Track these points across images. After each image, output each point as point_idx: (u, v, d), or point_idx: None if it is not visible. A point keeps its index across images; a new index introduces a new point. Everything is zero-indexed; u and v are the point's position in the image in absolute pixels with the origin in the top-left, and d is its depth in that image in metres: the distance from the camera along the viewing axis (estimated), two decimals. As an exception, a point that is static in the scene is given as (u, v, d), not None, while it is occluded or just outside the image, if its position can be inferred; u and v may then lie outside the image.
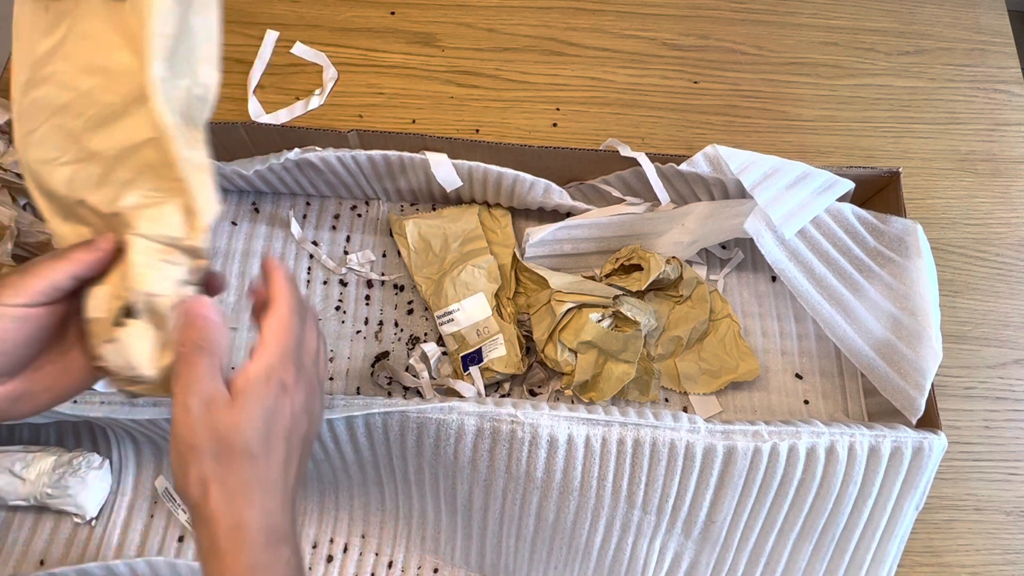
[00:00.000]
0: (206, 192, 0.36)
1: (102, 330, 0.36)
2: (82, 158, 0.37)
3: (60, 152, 0.37)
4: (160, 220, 0.36)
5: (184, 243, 0.36)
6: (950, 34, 0.82)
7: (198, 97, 0.36)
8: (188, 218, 0.36)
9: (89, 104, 0.36)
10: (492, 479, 0.52)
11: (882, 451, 0.52)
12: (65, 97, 0.36)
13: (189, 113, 0.36)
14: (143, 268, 0.36)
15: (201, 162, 0.36)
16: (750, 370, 0.63)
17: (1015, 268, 0.71)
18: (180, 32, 0.35)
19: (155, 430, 0.55)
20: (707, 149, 0.61)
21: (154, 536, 0.60)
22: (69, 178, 0.37)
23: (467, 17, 0.81)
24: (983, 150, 0.77)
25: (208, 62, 0.37)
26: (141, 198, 0.36)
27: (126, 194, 0.36)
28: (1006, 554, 0.61)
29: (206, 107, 0.37)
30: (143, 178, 0.36)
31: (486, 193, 0.66)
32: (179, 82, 0.35)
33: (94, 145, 0.37)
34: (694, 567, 0.55)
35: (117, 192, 0.36)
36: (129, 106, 0.36)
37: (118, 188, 0.36)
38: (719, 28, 0.82)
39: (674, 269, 0.63)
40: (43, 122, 0.37)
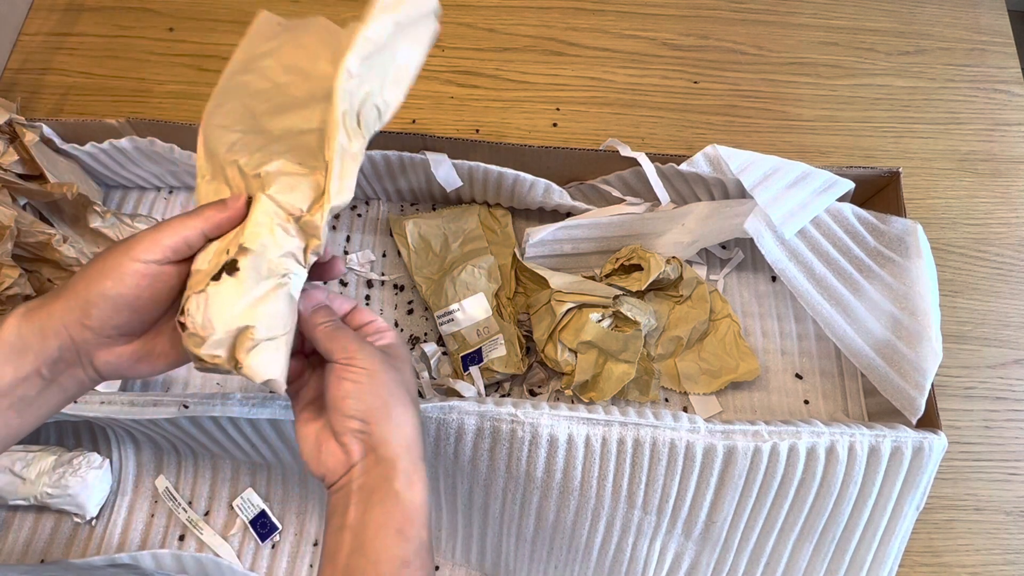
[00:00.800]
0: (346, 178, 0.37)
1: (197, 282, 0.36)
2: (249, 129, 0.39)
3: (236, 123, 0.40)
4: (292, 189, 0.37)
5: (304, 218, 0.37)
6: (950, 34, 0.82)
7: (376, 107, 0.38)
8: (318, 196, 0.37)
9: (280, 95, 0.40)
10: (492, 478, 0.52)
11: (882, 451, 0.52)
12: (264, 85, 0.40)
13: (362, 115, 0.38)
14: (259, 227, 0.36)
15: (354, 152, 0.37)
16: (750, 370, 0.63)
17: (1015, 268, 0.71)
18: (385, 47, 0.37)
19: (155, 430, 0.55)
20: (707, 149, 0.61)
21: (155, 535, 0.60)
22: (233, 141, 0.39)
23: (467, 17, 0.81)
24: (983, 150, 0.77)
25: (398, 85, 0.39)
26: (284, 166, 0.37)
27: (273, 160, 0.37)
28: (1006, 554, 0.61)
29: (379, 121, 0.39)
30: (295, 153, 0.38)
31: (486, 193, 0.66)
32: (364, 86, 0.37)
33: (266, 124, 0.39)
34: (694, 567, 0.55)
35: (267, 159, 0.38)
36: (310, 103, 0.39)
37: (269, 156, 0.38)
38: (719, 28, 0.82)
39: (674, 269, 0.63)
40: (234, 99, 0.40)
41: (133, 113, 0.70)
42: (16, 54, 0.78)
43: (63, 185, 0.59)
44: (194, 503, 0.61)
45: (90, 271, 0.35)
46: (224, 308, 0.35)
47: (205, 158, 0.40)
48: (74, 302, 0.34)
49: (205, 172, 0.40)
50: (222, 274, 0.35)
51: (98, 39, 0.79)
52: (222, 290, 0.35)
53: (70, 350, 0.35)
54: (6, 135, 0.61)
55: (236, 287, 0.35)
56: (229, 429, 0.53)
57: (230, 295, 0.35)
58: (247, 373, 0.35)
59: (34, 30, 0.79)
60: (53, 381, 0.35)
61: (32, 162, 0.61)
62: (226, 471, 0.61)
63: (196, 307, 0.35)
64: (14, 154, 0.61)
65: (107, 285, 0.34)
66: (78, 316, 0.34)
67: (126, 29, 0.80)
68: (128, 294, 0.34)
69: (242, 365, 0.35)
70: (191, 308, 0.35)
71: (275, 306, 0.36)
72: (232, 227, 0.37)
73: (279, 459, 0.57)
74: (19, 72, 0.77)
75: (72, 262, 0.59)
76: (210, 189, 0.39)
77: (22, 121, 0.62)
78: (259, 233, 0.36)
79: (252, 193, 0.38)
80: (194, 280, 0.36)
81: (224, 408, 0.51)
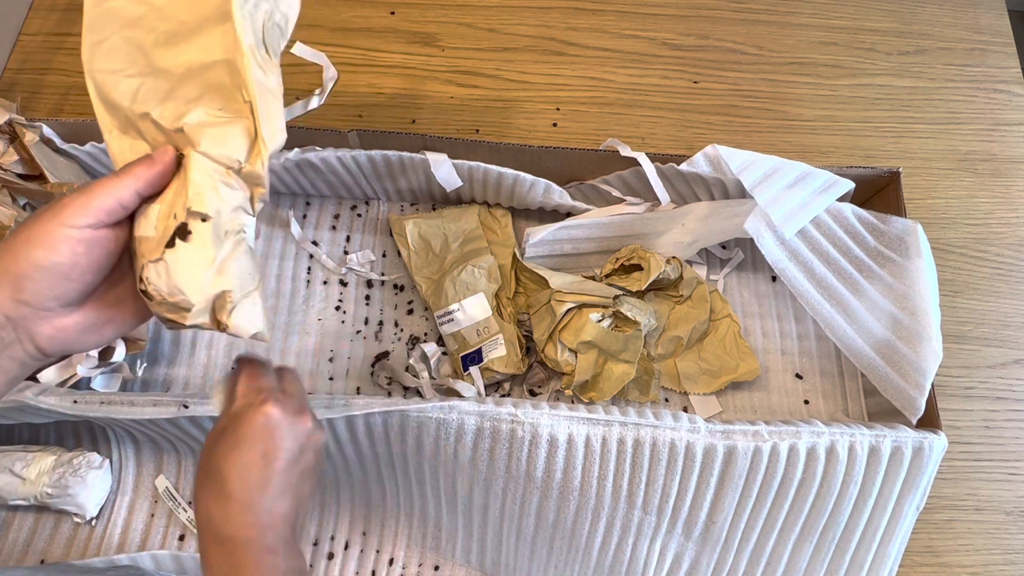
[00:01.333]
0: (274, 119, 0.35)
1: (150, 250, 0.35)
2: (149, 72, 0.36)
3: (127, 65, 0.36)
4: (224, 141, 0.35)
5: (245, 168, 0.35)
6: (950, 34, 0.82)
7: (277, 24, 0.36)
8: (252, 143, 0.35)
9: (162, 20, 0.36)
10: (492, 478, 0.52)
11: (882, 451, 0.52)
12: (139, 11, 0.36)
13: (266, 40, 0.36)
14: (202, 188, 0.34)
15: (272, 87, 0.35)
16: (750, 370, 0.63)
17: (1015, 268, 0.71)
18: None
19: (155, 430, 0.55)
20: (707, 149, 0.61)
21: (155, 535, 0.60)
22: (134, 90, 0.36)
23: (467, 17, 0.81)
24: (983, 150, 0.77)
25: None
26: (206, 116, 0.35)
27: (191, 110, 0.35)
28: (1006, 554, 0.61)
29: (283, 38, 0.36)
30: (210, 96, 0.35)
31: (486, 193, 0.66)
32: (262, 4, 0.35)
33: (162, 62, 0.36)
34: (694, 568, 0.55)
35: (182, 108, 0.35)
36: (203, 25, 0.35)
37: (184, 104, 0.35)
38: (719, 28, 0.82)
39: (674, 269, 0.63)
40: (113, 33, 0.36)
41: (133, 113, 0.70)
42: (16, 54, 0.78)
43: (63, 185, 0.59)
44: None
45: (15, 242, 0.32)
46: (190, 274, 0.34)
47: (105, 110, 0.37)
48: (3, 278, 0.32)
49: (111, 126, 0.37)
50: (175, 239, 0.34)
51: (98, 39, 0.79)
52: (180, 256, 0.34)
53: (4, 328, 0.33)
54: (6, 135, 0.61)
55: (197, 251, 0.34)
56: (229, 429, 0.53)
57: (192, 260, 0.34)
58: (233, 332, 0.35)
59: (34, 30, 0.79)
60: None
61: (32, 162, 0.61)
62: (226, 471, 0.61)
63: (157, 275, 0.34)
64: (14, 154, 0.61)
65: (39, 255, 0.32)
66: (9, 292, 0.32)
67: (126, 29, 0.80)
68: (64, 262, 0.32)
69: (227, 326, 0.35)
70: (151, 276, 0.34)
71: (241, 263, 0.36)
72: (165, 182, 0.35)
73: (279, 459, 0.57)
74: (19, 72, 0.77)
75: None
76: (124, 144, 0.37)
77: (22, 121, 0.62)
78: (204, 194, 0.34)
79: (178, 147, 0.36)
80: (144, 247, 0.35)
81: (224, 408, 0.51)
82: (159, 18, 0.36)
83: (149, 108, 0.35)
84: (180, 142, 0.35)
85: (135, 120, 0.36)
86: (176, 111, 0.35)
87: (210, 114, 0.35)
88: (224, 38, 0.35)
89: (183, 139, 0.35)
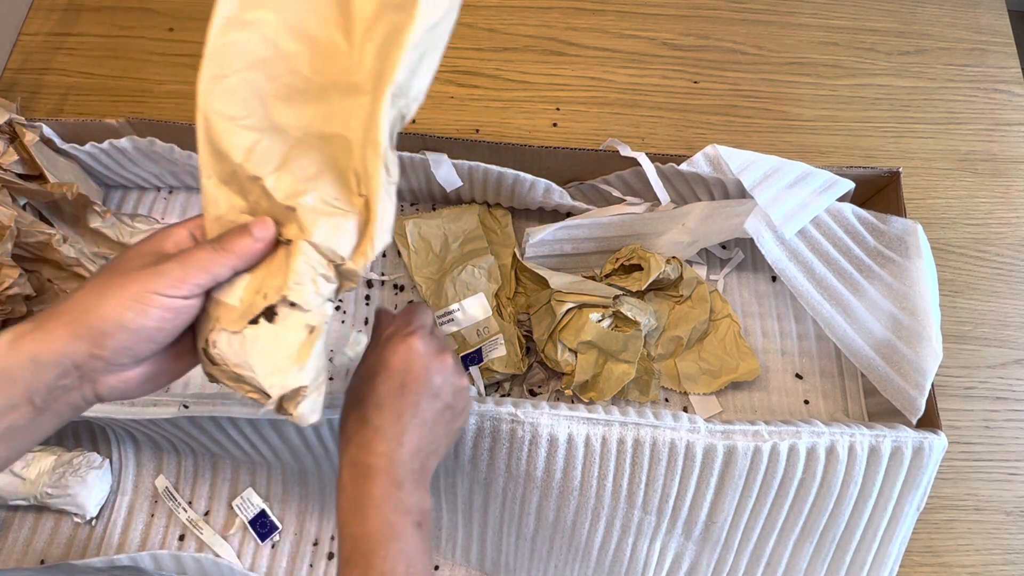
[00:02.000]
0: (386, 220, 0.34)
1: (228, 318, 0.34)
2: (265, 128, 0.35)
3: (245, 112, 0.34)
4: (334, 235, 0.34)
5: (346, 265, 0.35)
6: (950, 34, 0.82)
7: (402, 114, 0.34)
8: (360, 242, 0.34)
9: (287, 70, 0.34)
10: (492, 478, 0.52)
11: (882, 451, 0.52)
12: (265, 52, 0.34)
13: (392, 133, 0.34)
14: (302, 279, 0.34)
15: (391, 189, 0.34)
16: (750, 370, 0.63)
17: (1015, 268, 0.71)
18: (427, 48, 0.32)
19: (155, 430, 0.55)
20: (707, 149, 0.61)
21: (155, 535, 0.60)
22: (249, 147, 0.34)
23: (467, 17, 0.81)
24: (983, 150, 0.77)
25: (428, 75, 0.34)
26: (322, 204, 0.34)
27: (308, 191, 0.34)
28: (1006, 554, 0.61)
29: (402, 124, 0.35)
30: (326, 180, 0.34)
31: (486, 193, 0.66)
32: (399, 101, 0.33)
33: (280, 118, 0.35)
34: (694, 568, 0.55)
35: (299, 187, 0.34)
36: (328, 91, 0.34)
37: (301, 182, 0.34)
38: (719, 28, 0.82)
39: (674, 269, 0.63)
40: (235, 72, 0.34)
41: (133, 113, 0.70)
42: (16, 54, 0.78)
43: (63, 185, 0.59)
44: (194, 503, 0.61)
45: (102, 294, 0.32)
46: (266, 357, 0.34)
47: (210, 155, 0.35)
48: (82, 330, 0.32)
49: (212, 172, 0.36)
50: (260, 319, 0.34)
51: (98, 39, 0.79)
52: (261, 335, 0.34)
53: (71, 377, 0.33)
54: (6, 135, 0.61)
55: (279, 337, 0.34)
56: (229, 429, 0.53)
57: (272, 344, 0.34)
58: (295, 421, 0.35)
59: (34, 30, 0.79)
60: (47, 409, 0.33)
61: (32, 162, 0.61)
62: (226, 471, 0.61)
63: (228, 345, 0.34)
64: (14, 154, 0.61)
65: (128, 317, 0.32)
66: (87, 346, 0.32)
67: (126, 29, 0.80)
68: (152, 327, 0.33)
69: (293, 416, 0.35)
70: (221, 344, 0.34)
71: (317, 358, 0.35)
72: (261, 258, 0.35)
73: (279, 459, 0.57)
74: (19, 72, 0.77)
75: (72, 262, 0.59)
76: (220, 195, 0.36)
77: (22, 121, 0.62)
78: (303, 285, 0.34)
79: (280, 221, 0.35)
80: (222, 312, 0.35)
81: (224, 408, 0.51)
82: (285, 67, 0.34)
83: (262, 174, 0.34)
84: (285, 218, 0.35)
85: (243, 180, 0.35)
86: (291, 187, 0.34)
87: (326, 203, 0.34)
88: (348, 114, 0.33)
89: (291, 217, 0.34)
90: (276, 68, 0.34)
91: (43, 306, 0.59)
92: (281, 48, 0.34)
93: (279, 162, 0.35)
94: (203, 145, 0.35)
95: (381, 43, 0.33)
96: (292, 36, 0.34)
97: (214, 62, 0.34)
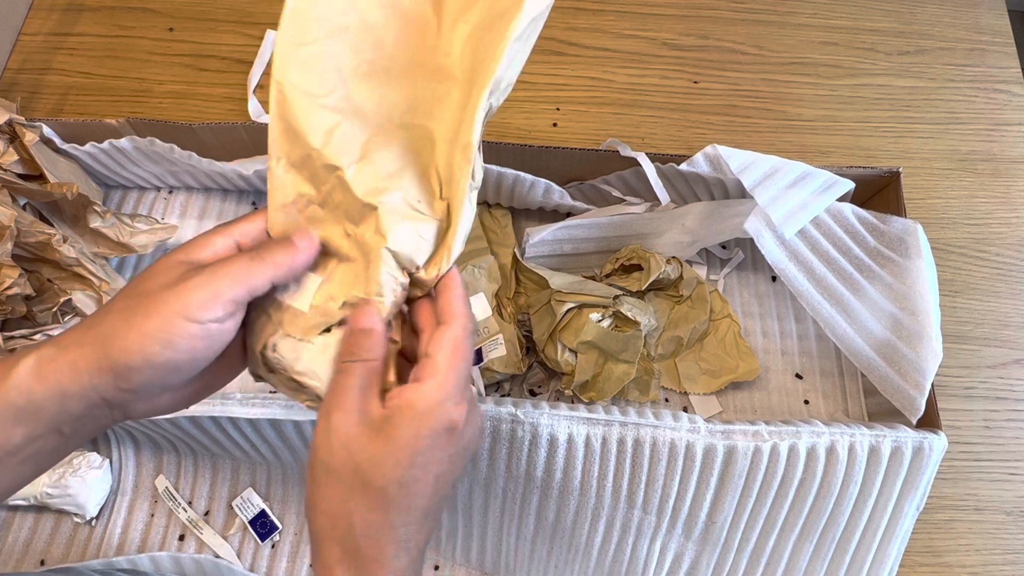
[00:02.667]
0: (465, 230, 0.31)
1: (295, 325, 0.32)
2: (345, 109, 0.31)
3: (323, 89, 0.31)
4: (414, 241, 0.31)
5: (418, 275, 0.32)
6: (950, 34, 0.82)
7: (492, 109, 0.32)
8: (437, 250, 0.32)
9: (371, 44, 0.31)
10: (492, 478, 0.52)
11: (882, 451, 0.52)
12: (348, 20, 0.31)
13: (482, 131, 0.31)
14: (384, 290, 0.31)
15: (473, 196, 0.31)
16: (750, 370, 0.63)
17: (1015, 268, 0.71)
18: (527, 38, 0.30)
19: (155, 430, 0.55)
20: (707, 149, 0.61)
21: (155, 535, 0.60)
22: (328, 130, 0.31)
23: (467, 17, 0.80)
24: (983, 150, 0.77)
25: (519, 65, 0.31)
26: (405, 206, 0.31)
27: (391, 189, 0.31)
28: (1006, 554, 0.61)
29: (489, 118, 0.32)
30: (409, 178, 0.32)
31: (486, 193, 0.66)
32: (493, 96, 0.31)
33: (359, 97, 0.31)
34: (694, 568, 0.55)
35: (381, 183, 0.31)
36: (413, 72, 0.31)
37: (383, 178, 0.31)
38: (719, 28, 0.82)
39: (674, 269, 0.63)
40: (316, 39, 0.31)
41: (133, 113, 0.70)
42: (16, 54, 0.78)
43: (63, 185, 0.59)
44: (194, 503, 0.61)
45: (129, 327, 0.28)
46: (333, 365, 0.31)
47: (282, 133, 0.31)
48: (105, 363, 0.28)
49: (282, 154, 0.32)
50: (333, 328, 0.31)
51: (98, 39, 0.79)
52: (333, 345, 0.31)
53: (99, 408, 0.30)
54: (6, 135, 0.61)
55: None
56: (229, 429, 0.53)
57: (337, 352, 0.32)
58: None
59: (34, 30, 0.79)
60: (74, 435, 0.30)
61: (32, 162, 0.61)
62: (226, 471, 0.61)
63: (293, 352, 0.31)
64: (14, 154, 0.61)
65: (154, 351, 0.28)
66: (113, 380, 0.29)
67: (126, 29, 0.80)
68: (182, 359, 0.29)
69: None
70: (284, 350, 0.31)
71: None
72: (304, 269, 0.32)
73: (279, 459, 0.57)
74: (19, 72, 0.77)
75: (72, 262, 0.59)
76: (287, 180, 0.32)
77: (22, 121, 0.62)
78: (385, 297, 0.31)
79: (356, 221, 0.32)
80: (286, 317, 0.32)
81: (224, 408, 0.51)
82: (368, 40, 0.31)
83: (342, 164, 0.31)
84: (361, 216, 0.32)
85: (317, 166, 0.32)
86: (373, 183, 0.31)
87: (410, 205, 0.31)
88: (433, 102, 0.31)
89: (368, 216, 0.31)
90: (359, 39, 0.31)
91: (43, 306, 0.59)
92: (366, 16, 0.31)
93: (360, 152, 0.31)
94: (275, 121, 0.31)
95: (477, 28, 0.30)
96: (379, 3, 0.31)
97: (294, 25, 0.31)
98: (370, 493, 0.29)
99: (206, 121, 0.63)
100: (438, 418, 0.29)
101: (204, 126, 0.62)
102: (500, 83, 0.30)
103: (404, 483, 0.29)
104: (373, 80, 0.32)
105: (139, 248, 0.62)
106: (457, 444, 0.30)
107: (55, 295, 0.59)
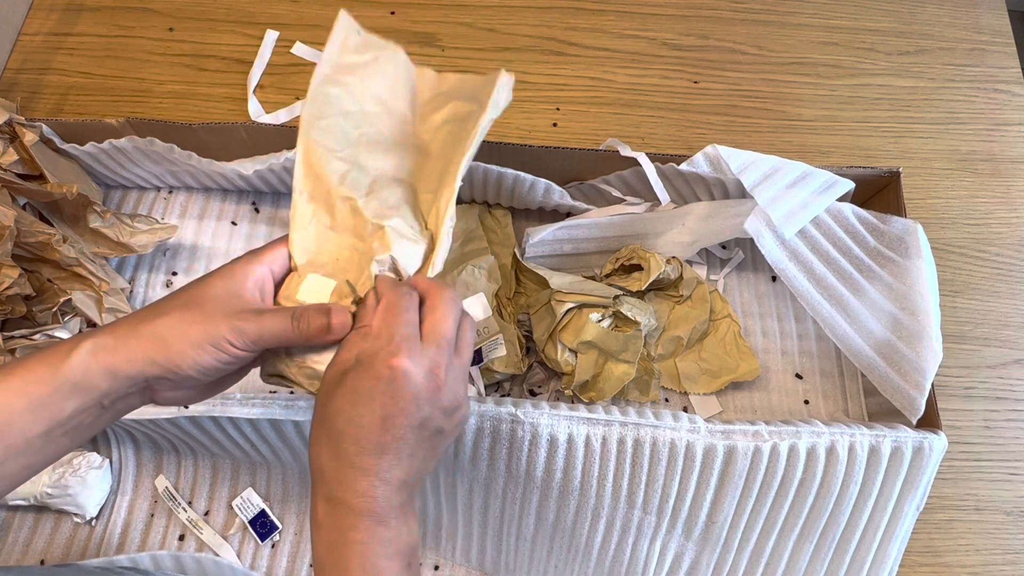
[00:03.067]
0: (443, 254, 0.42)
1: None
2: (353, 163, 0.43)
3: (339, 146, 0.43)
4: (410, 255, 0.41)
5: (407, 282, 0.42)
6: (950, 34, 0.82)
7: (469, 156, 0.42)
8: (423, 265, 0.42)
9: (367, 123, 0.44)
10: (492, 478, 0.52)
11: (882, 451, 0.52)
12: (351, 107, 0.43)
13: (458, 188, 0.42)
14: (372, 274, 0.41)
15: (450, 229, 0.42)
16: (750, 370, 0.63)
17: (1015, 268, 0.71)
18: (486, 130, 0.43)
19: (155, 430, 0.55)
20: (707, 149, 0.61)
21: (155, 535, 0.60)
22: (342, 173, 0.42)
23: (467, 17, 0.81)
24: (983, 150, 0.77)
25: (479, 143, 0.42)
26: (406, 228, 0.41)
27: (393, 215, 0.42)
28: (1006, 554, 0.61)
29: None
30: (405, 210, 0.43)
31: (486, 193, 0.66)
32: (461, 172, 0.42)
33: (363, 158, 0.43)
34: (694, 567, 0.55)
35: (384, 211, 0.42)
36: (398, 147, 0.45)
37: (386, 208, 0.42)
38: (719, 28, 0.82)
39: (674, 269, 0.63)
40: (330, 116, 0.43)
41: (133, 113, 0.70)
42: (16, 54, 0.78)
43: (63, 185, 0.59)
44: (194, 503, 0.61)
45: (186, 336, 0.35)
46: None
47: (306, 174, 0.42)
48: (161, 357, 0.35)
49: (303, 188, 0.42)
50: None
51: (98, 39, 0.79)
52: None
53: (139, 388, 0.36)
54: (6, 135, 0.61)
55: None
56: (229, 429, 0.53)
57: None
58: None
59: (34, 30, 0.79)
60: (110, 408, 0.36)
61: (32, 162, 0.61)
62: (226, 471, 0.61)
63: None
64: (14, 154, 0.61)
65: (205, 360, 0.36)
66: (162, 370, 0.35)
67: (126, 29, 0.80)
68: (221, 367, 0.37)
69: None
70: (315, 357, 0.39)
71: None
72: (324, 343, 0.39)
73: (279, 459, 0.57)
74: (19, 72, 0.77)
75: (72, 262, 0.59)
76: (307, 211, 0.42)
77: (22, 121, 0.62)
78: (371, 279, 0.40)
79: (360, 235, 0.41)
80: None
81: (224, 408, 0.51)
82: (366, 123, 0.44)
83: (355, 196, 0.42)
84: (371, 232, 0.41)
85: (335, 198, 0.42)
86: (379, 211, 0.42)
87: (409, 228, 0.42)
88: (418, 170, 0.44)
89: (376, 232, 0.41)
90: (360, 121, 0.44)
91: (43, 306, 0.59)
92: (364, 107, 0.44)
93: (367, 190, 0.42)
94: (301, 165, 0.42)
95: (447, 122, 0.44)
96: (373, 100, 0.44)
97: (315, 104, 0.42)
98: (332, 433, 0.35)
99: (206, 121, 0.63)
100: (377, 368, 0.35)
101: (204, 126, 0.62)
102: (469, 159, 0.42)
103: (351, 419, 0.35)
104: (371, 148, 0.44)
105: (139, 248, 0.62)
106: (402, 390, 0.35)
107: (55, 295, 0.59)
